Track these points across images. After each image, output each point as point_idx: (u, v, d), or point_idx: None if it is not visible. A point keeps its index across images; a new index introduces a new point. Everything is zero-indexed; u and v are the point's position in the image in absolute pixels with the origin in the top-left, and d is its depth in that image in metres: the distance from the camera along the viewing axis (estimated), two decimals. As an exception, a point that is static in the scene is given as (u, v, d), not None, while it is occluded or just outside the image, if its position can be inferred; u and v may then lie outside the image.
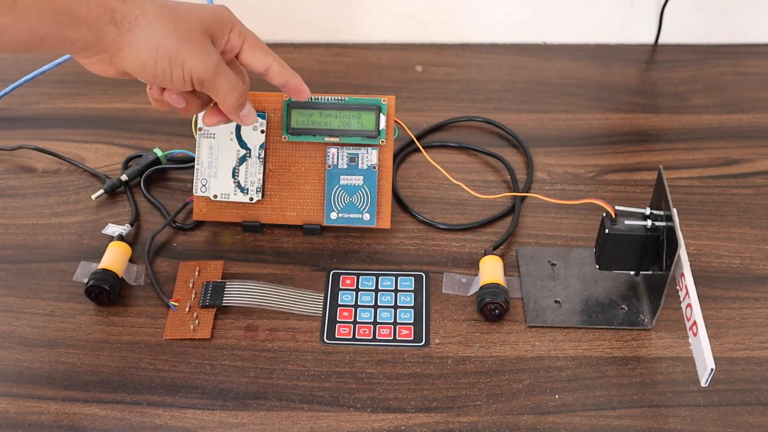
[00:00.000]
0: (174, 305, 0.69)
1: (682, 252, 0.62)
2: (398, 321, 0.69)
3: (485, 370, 0.66)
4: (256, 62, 0.64)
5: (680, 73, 0.95)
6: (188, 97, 0.62)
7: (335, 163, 0.74)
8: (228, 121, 0.65)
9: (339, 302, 0.70)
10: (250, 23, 0.98)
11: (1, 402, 0.64)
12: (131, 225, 0.76)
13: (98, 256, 0.72)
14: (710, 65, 0.96)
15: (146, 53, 0.57)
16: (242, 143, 0.74)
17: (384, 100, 0.73)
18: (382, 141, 0.74)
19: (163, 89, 0.62)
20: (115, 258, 0.71)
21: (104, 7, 0.55)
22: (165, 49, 0.57)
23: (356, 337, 0.68)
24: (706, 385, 0.59)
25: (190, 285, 0.71)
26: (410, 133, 0.75)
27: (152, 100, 0.63)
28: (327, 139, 0.74)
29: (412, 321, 0.69)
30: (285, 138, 0.74)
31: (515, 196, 0.79)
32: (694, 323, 0.60)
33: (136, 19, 0.56)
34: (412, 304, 0.70)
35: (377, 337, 0.68)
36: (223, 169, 0.74)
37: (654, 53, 0.98)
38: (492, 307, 0.68)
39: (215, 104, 0.64)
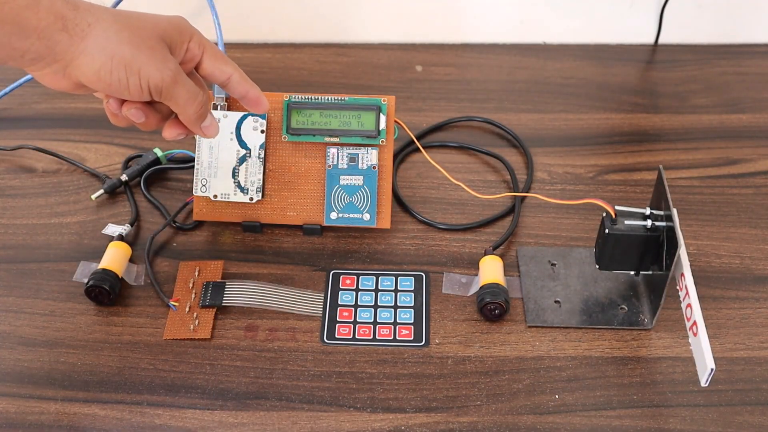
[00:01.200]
0: (174, 305, 0.69)
1: (682, 252, 0.62)
2: (398, 321, 0.69)
3: (485, 370, 0.66)
4: (216, 72, 0.61)
5: (680, 73, 0.95)
6: (147, 110, 0.60)
7: (335, 163, 0.74)
8: (190, 133, 0.63)
9: (339, 302, 0.70)
10: (249, 23, 0.98)
11: (1, 402, 0.64)
12: (131, 225, 0.76)
13: (98, 256, 0.72)
14: (710, 65, 0.96)
15: (101, 61, 0.55)
16: (242, 143, 0.74)
17: (384, 100, 0.73)
18: (382, 141, 0.74)
19: (122, 103, 0.60)
20: (115, 258, 0.71)
21: (55, 15, 0.53)
22: (120, 57, 0.55)
23: (356, 337, 0.68)
24: (706, 385, 0.59)
25: (190, 285, 0.71)
26: (410, 133, 0.75)
27: (110, 116, 0.61)
28: (327, 139, 0.74)
29: (412, 321, 0.69)
30: (285, 138, 0.74)
31: (515, 196, 0.79)
32: (694, 323, 0.60)
33: (89, 26, 0.54)
34: (412, 304, 0.70)
35: (377, 337, 0.68)
36: (223, 169, 0.74)
37: (654, 53, 0.98)
38: (492, 307, 0.68)
39: (176, 116, 0.62)
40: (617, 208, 0.66)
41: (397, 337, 0.68)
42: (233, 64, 0.62)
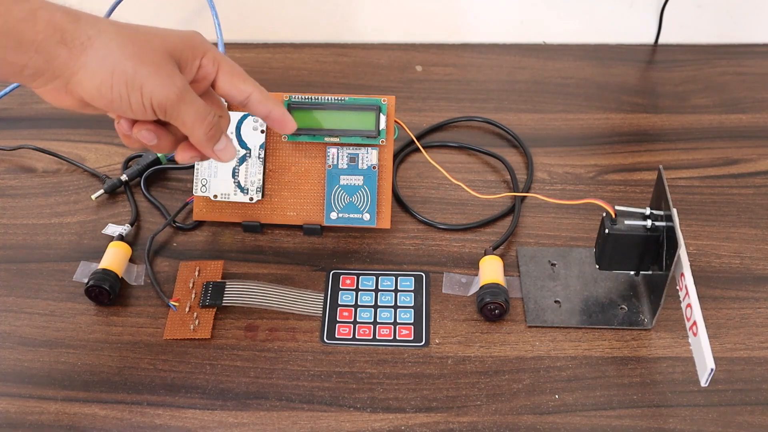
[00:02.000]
0: (174, 305, 0.69)
1: (682, 252, 0.62)
2: (398, 321, 0.69)
3: (485, 370, 0.66)
4: (234, 90, 0.58)
5: (680, 73, 0.95)
6: (159, 131, 0.57)
7: (335, 163, 0.74)
8: (203, 156, 0.59)
9: (339, 302, 0.70)
10: (249, 23, 0.98)
11: (1, 402, 0.64)
12: (131, 225, 0.76)
13: (98, 256, 0.72)
14: (710, 65, 0.96)
15: (101, 76, 0.52)
16: (242, 143, 0.74)
17: (384, 100, 0.73)
18: (382, 141, 0.74)
19: (133, 124, 0.57)
20: (115, 258, 0.71)
21: (54, 27, 0.51)
22: (121, 72, 0.52)
23: (356, 337, 0.68)
24: (706, 385, 0.59)
25: (190, 285, 0.71)
26: (410, 133, 0.75)
27: (121, 136, 0.58)
28: (327, 139, 0.74)
29: (412, 321, 0.69)
30: (285, 138, 0.74)
31: (515, 196, 0.79)
32: (694, 323, 0.60)
33: (89, 39, 0.52)
34: (412, 304, 0.70)
35: (377, 337, 0.68)
36: (223, 169, 0.74)
37: (654, 53, 0.98)
38: (492, 307, 0.68)
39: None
40: (617, 208, 0.66)
41: (397, 337, 0.68)
42: (253, 81, 0.59)
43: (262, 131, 0.74)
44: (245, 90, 0.59)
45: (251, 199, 0.74)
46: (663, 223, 0.65)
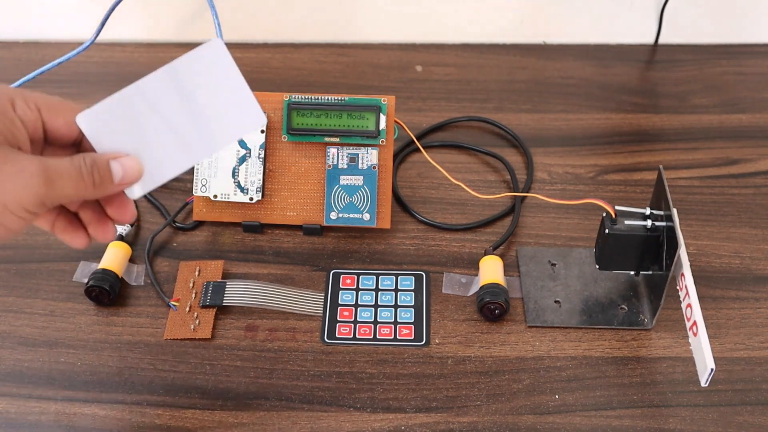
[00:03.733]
0: (174, 305, 0.69)
1: (682, 252, 0.62)
2: (399, 320, 0.69)
3: (485, 370, 0.66)
4: (65, 127, 0.47)
5: (680, 73, 0.95)
6: (71, 226, 0.48)
7: (335, 163, 0.74)
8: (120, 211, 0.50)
9: (339, 302, 0.70)
10: (249, 23, 0.98)
11: (1, 402, 0.64)
12: (131, 225, 0.76)
13: (98, 256, 0.72)
14: (710, 65, 0.96)
15: None
16: (242, 143, 0.74)
17: (384, 100, 0.73)
18: (382, 141, 0.74)
19: (53, 226, 0.48)
20: (115, 258, 0.71)
21: None
22: None
23: (357, 336, 0.68)
24: (706, 385, 0.59)
25: (191, 285, 0.71)
26: (410, 133, 0.75)
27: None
28: (327, 139, 0.74)
29: (412, 320, 0.69)
30: (285, 138, 0.74)
31: (515, 196, 0.79)
32: (694, 323, 0.60)
33: None
34: (413, 303, 0.70)
35: (378, 337, 0.68)
36: (223, 169, 0.74)
37: (654, 53, 0.98)
38: (492, 307, 0.68)
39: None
40: (617, 208, 0.66)
41: (398, 337, 0.68)
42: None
43: (262, 131, 0.74)
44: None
45: (251, 199, 0.74)
46: (663, 223, 0.65)
